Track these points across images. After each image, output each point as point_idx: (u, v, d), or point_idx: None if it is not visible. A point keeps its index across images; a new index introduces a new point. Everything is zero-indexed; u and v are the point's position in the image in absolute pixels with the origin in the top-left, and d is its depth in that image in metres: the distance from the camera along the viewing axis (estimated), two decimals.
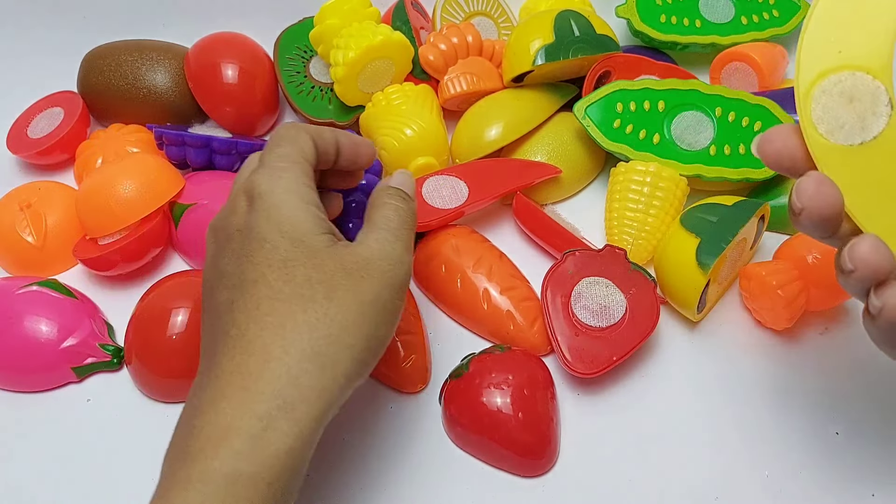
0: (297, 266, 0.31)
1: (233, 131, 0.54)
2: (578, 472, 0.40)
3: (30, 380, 0.44)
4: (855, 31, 0.28)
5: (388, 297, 0.32)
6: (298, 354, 0.29)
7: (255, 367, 0.29)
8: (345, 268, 0.31)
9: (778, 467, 0.39)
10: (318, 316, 0.30)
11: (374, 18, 0.52)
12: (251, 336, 0.30)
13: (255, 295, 0.30)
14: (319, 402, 0.29)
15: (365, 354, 0.31)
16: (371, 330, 0.31)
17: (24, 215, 0.48)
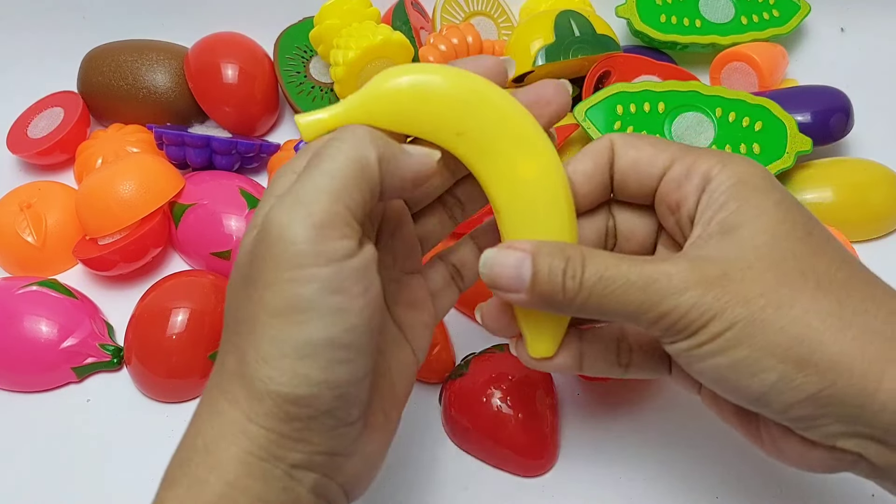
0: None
1: (233, 131, 0.54)
2: (578, 472, 0.40)
3: (30, 380, 0.44)
4: None
5: (272, 297, 0.24)
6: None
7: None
8: (243, 278, 0.26)
9: (778, 467, 0.39)
10: (224, 353, 0.27)
11: (374, 18, 0.52)
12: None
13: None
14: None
15: (283, 380, 0.25)
16: (274, 350, 0.25)
17: (24, 215, 0.48)
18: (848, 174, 0.48)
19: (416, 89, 0.27)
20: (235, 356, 0.26)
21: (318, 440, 0.26)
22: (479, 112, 0.27)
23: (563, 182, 0.29)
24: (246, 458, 0.25)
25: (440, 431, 0.41)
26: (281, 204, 0.24)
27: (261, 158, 0.53)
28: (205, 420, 0.26)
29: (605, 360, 0.31)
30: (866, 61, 0.59)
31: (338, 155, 0.25)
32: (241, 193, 0.48)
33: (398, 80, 0.27)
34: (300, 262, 0.24)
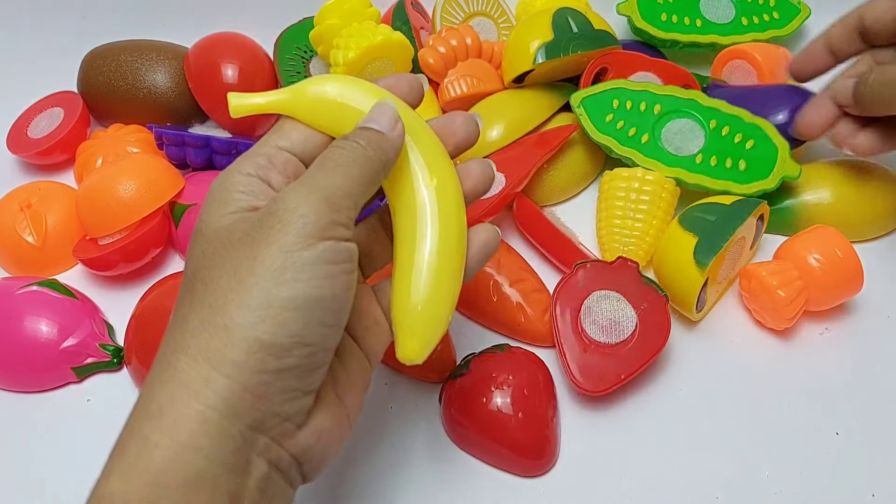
0: (195, 270, 0.28)
1: (232, 131, 0.54)
2: (578, 472, 0.40)
3: (30, 380, 0.44)
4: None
5: (274, 255, 0.26)
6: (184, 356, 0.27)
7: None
8: (231, 242, 0.28)
9: (778, 467, 0.39)
10: (186, 312, 0.27)
11: (374, 19, 0.52)
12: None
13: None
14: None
15: (263, 327, 0.26)
16: (263, 298, 0.26)
17: (24, 215, 0.48)
18: (847, 175, 0.48)
19: (334, 98, 0.31)
20: (207, 309, 0.27)
21: (277, 399, 0.27)
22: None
23: (456, 196, 0.31)
24: (205, 413, 0.25)
25: (440, 431, 0.41)
26: (300, 188, 0.28)
27: None
28: (159, 383, 0.27)
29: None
30: None
31: (353, 163, 0.29)
32: None
33: (323, 87, 0.31)
34: (308, 232, 0.27)
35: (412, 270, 0.30)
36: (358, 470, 0.40)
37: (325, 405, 0.29)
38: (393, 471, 0.40)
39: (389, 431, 0.41)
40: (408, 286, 0.30)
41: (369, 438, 0.41)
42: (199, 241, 0.29)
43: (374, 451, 0.40)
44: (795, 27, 0.57)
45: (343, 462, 0.40)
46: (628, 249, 0.46)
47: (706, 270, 0.41)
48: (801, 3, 0.58)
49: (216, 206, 0.29)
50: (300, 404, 0.28)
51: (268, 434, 0.27)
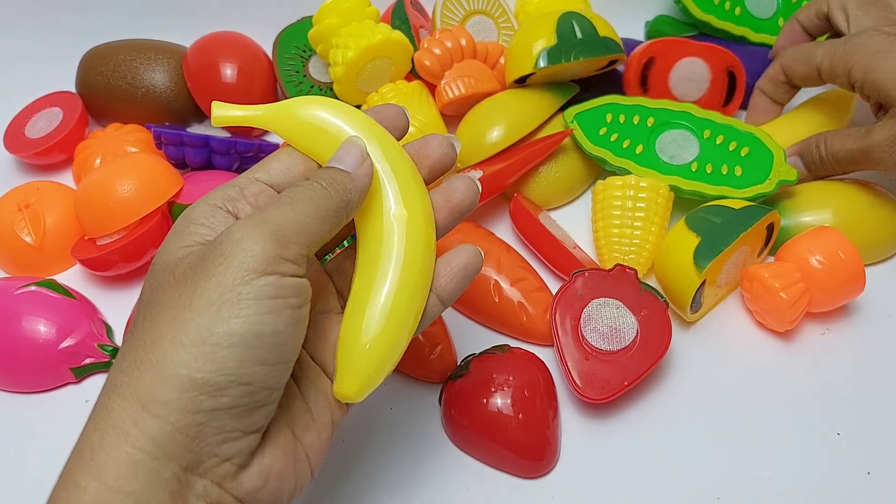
0: (142, 305, 0.28)
1: (231, 131, 0.54)
2: (578, 473, 0.40)
3: (28, 380, 0.44)
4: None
5: (213, 290, 0.25)
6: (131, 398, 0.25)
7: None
8: (175, 277, 0.27)
9: (779, 467, 0.39)
10: (125, 349, 0.27)
11: (374, 18, 0.52)
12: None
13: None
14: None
15: (196, 365, 0.25)
16: (198, 335, 0.25)
17: (22, 215, 0.48)
18: (850, 196, 0.47)
19: (317, 121, 0.31)
20: (142, 345, 0.26)
21: (214, 440, 0.25)
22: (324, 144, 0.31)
23: (425, 233, 0.31)
24: (134, 455, 0.24)
25: (440, 432, 0.41)
26: (249, 221, 0.27)
27: (259, 158, 0.53)
28: (92, 425, 0.26)
29: None
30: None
31: (309, 201, 0.28)
32: None
33: (308, 109, 0.31)
34: (250, 266, 0.26)
35: (367, 306, 0.29)
36: (358, 470, 0.40)
37: (276, 445, 0.28)
38: (393, 471, 0.40)
39: (389, 432, 0.41)
40: (359, 322, 0.29)
41: (369, 439, 0.41)
42: (150, 275, 0.28)
43: (374, 451, 0.40)
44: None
45: (343, 462, 0.40)
46: (628, 259, 0.46)
47: (703, 272, 0.40)
48: None
49: (172, 239, 0.28)
50: (241, 445, 0.26)
51: (206, 476, 0.26)
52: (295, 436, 0.29)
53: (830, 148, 0.46)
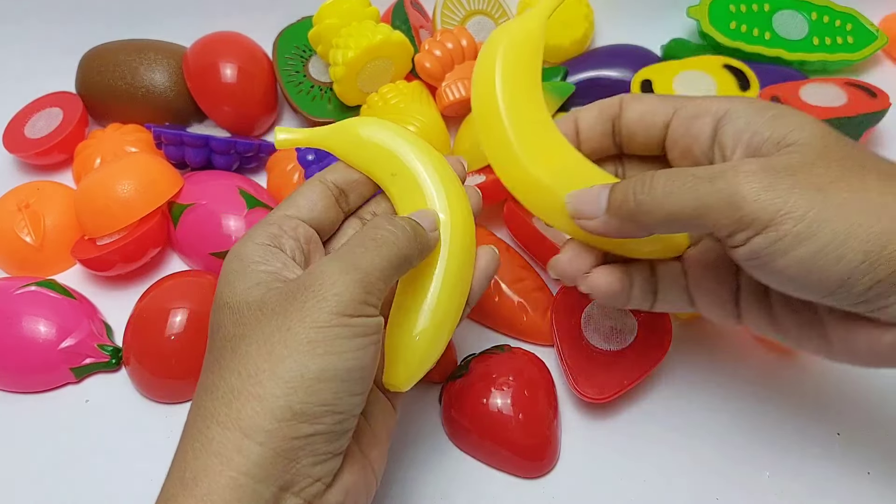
0: (226, 339, 0.29)
1: (231, 131, 0.54)
2: (579, 473, 0.40)
3: (28, 380, 0.44)
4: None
5: (307, 329, 0.27)
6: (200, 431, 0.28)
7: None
8: (263, 313, 0.29)
9: (779, 467, 0.39)
10: (216, 379, 0.28)
11: (374, 18, 0.52)
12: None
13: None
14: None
15: (296, 397, 0.27)
16: (296, 369, 0.27)
17: (22, 215, 0.48)
18: None
19: (371, 139, 0.35)
20: (237, 377, 0.28)
21: (308, 461, 0.28)
22: (405, 166, 0.34)
23: (466, 228, 0.34)
24: (238, 479, 0.26)
25: (440, 432, 0.41)
26: (338, 264, 0.29)
27: (260, 158, 0.53)
28: (192, 452, 0.27)
29: (643, 286, 0.35)
30: None
31: (393, 247, 0.30)
32: (240, 193, 0.48)
33: (363, 129, 0.35)
34: (341, 310, 0.28)
35: (416, 302, 0.32)
36: None
37: (351, 463, 0.30)
38: (392, 471, 0.40)
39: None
40: (408, 317, 0.32)
41: None
42: (227, 311, 0.30)
43: None
44: (868, 53, 0.57)
45: None
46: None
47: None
48: (880, 31, 0.57)
49: (238, 278, 0.30)
50: (329, 466, 0.28)
51: (299, 495, 0.28)
52: (362, 452, 0.32)
53: (652, 192, 0.30)
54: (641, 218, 0.30)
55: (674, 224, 0.29)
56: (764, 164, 0.27)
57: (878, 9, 0.59)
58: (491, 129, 0.34)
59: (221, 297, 0.30)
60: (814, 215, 0.26)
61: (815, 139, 0.28)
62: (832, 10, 0.58)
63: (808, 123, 0.29)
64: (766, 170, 0.27)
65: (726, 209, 0.27)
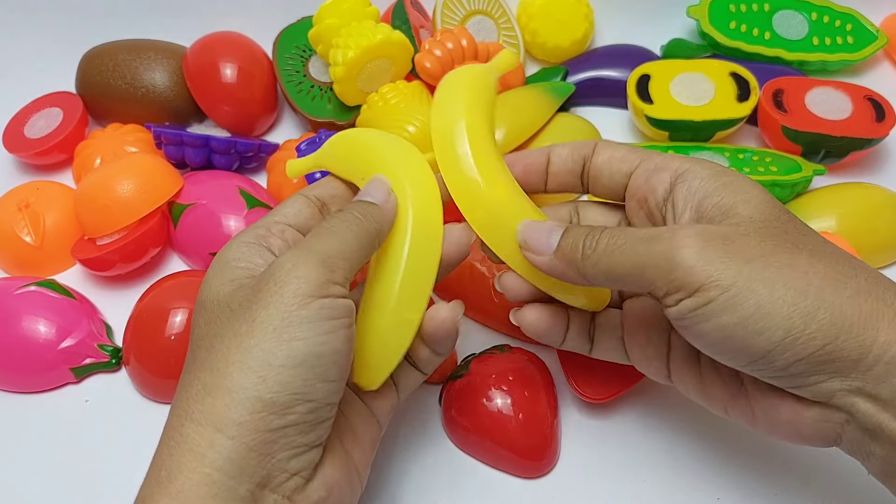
0: (199, 339, 0.30)
1: (231, 131, 0.54)
2: (579, 473, 0.40)
3: (28, 380, 0.44)
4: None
5: (272, 317, 0.27)
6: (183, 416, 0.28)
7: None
8: (231, 309, 0.29)
9: (779, 467, 0.39)
10: (191, 378, 0.28)
11: (374, 18, 0.52)
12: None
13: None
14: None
15: (265, 387, 0.27)
16: (263, 358, 0.27)
17: (22, 215, 0.48)
18: (852, 200, 0.47)
19: (348, 140, 0.36)
20: (209, 373, 0.28)
21: (284, 455, 0.27)
22: (376, 161, 0.34)
23: (431, 219, 0.33)
24: (212, 476, 0.26)
25: (440, 432, 0.41)
26: (296, 251, 0.29)
27: (260, 158, 0.53)
28: (167, 450, 0.28)
29: (580, 331, 0.36)
30: None
31: (347, 231, 0.30)
32: (240, 193, 0.48)
33: (342, 135, 0.36)
34: (304, 291, 0.27)
35: (382, 297, 0.32)
36: None
37: (334, 457, 0.30)
38: (392, 472, 0.40)
39: (389, 432, 0.41)
40: (375, 312, 0.32)
41: None
42: (202, 311, 0.30)
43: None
44: (868, 54, 0.57)
45: None
46: None
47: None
48: (880, 32, 0.58)
49: (215, 277, 0.30)
50: (307, 459, 0.28)
51: (277, 491, 0.27)
52: (345, 450, 0.31)
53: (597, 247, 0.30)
54: (585, 269, 0.30)
55: (614, 280, 0.30)
56: (702, 231, 0.28)
57: (878, 9, 0.59)
58: (452, 148, 0.34)
59: (199, 296, 0.30)
60: (740, 286, 0.27)
61: (757, 213, 0.29)
62: (832, 10, 0.58)
63: (755, 196, 0.30)
64: (702, 236, 0.28)
65: (661, 270, 0.28)
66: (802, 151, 0.50)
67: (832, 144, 0.49)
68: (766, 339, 0.27)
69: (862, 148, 0.50)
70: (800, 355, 0.27)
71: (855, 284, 0.27)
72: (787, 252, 0.28)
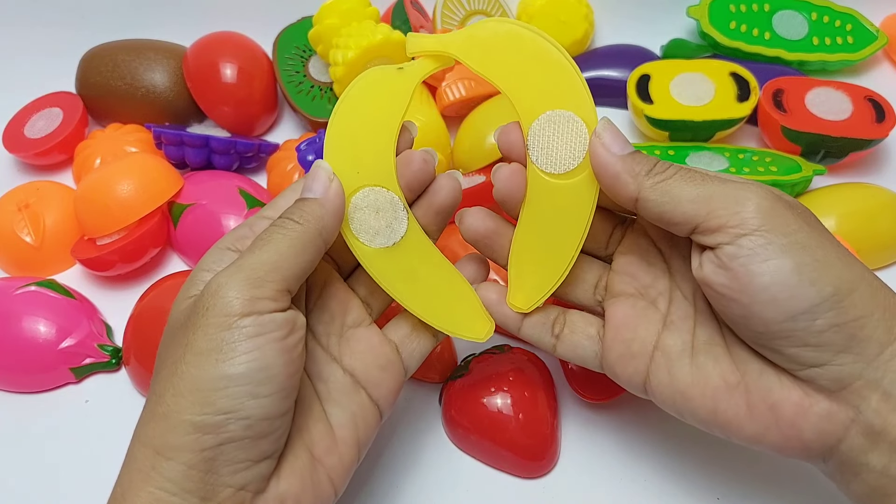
0: (157, 359, 0.30)
1: (231, 131, 0.54)
2: (579, 473, 0.40)
3: (28, 380, 0.44)
4: (363, 154, 0.33)
5: (200, 340, 0.27)
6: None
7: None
8: (174, 331, 0.29)
9: (779, 467, 0.39)
10: (147, 401, 0.29)
11: (374, 18, 0.52)
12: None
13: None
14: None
15: (193, 410, 0.27)
16: (191, 382, 0.27)
17: (22, 216, 0.48)
18: (852, 200, 0.47)
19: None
20: (152, 400, 0.28)
21: (226, 471, 0.27)
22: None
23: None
24: (155, 493, 0.27)
25: (440, 432, 0.41)
26: (226, 269, 0.29)
27: (260, 158, 0.53)
28: (124, 469, 0.28)
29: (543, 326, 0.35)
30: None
31: (281, 240, 0.29)
32: (240, 193, 0.48)
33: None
34: (229, 311, 0.27)
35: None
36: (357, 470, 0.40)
37: (292, 470, 0.30)
38: (392, 472, 0.40)
39: (389, 432, 0.41)
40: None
41: None
42: (166, 330, 0.30)
43: (374, 452, 0.40)
44: (868, 54, 0.57)
45: None
46: None
47: None
48: (880, 32, 0.58)
49: (183, 290, 0.31)
50: (252, 473, 0.28)
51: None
52: (314, 458, 0.31)
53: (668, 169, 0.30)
54: (643, 186, 0.30)
55: (665, 205, 0.29)
56: (773, 189, 0.29)
57: (878, 9, 0.59)
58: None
59: (171, 311, 0.31)
60: (800, 238, 0.28)
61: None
62: (832, 10, 0.58)
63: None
64: (773, 193, 0.29)
65: (729, 203, 0.28)
66: (802, 151, 0.50)
67: (832, 145, 0.49)
68: (817, 291, 0.27)
69: (862, 148, 0.50)
70: (841, 319, 0.27)
71: (879, 283, 0.29)
72: (834, 241, 0.29)
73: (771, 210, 0.28)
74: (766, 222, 0.28)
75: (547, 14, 0.57)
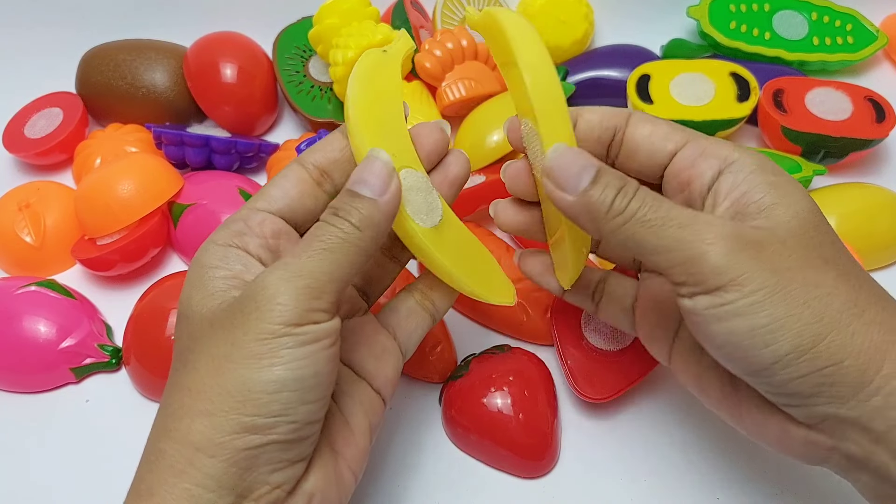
0: (181, 352, 0.29)
1: (231, 131, 0.54)
2: (579, 473, 0.40)
3: (28, 380, 0.44)
4: (390, 134, 0.32)
5: (251, 342, 0.27)
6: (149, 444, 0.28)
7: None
8: (212, 326, 0.28)
9: (779, 467, 0.39)
10: (171, 397, 0.28)
11: (374, 18, 0.52)
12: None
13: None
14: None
15: (244, 411, 0.26)
16: (242, 383, 0.27)
17: (22, 215, 0.48)
18: (852, 201, 0.47)
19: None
20: (187, 395, 0.27)
21: (265, 470, 0.27)
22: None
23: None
24: (191, 490, 0.26)
25: (440, 432, 0.41)
26: (280, 272, 0.27)
27: (260, 158, 0.53)
28: (146, 465, 0.28)
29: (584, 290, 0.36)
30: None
31: (342, 251, 0.28)
32: (240, 193, 0.48)
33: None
34: (285, 319, 0.27)
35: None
36: None
37: (318, 468, 0.30)
38: (392, 472, 0.40)
39: (389, 432, 0.41)
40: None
41: None
42: (185, 322, 0.29)
43: (374, 451, 0.40)
44: (868, 54, 0.57)
45: None
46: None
47: None
48: (880, 32, 0.58)
49: (194, 288, 0.29)
50: (288, 473, 0.28)
51: (258, 502, 0.27)
52: (335, 452, 0.31)
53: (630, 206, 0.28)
54: (604, 228, 0.28)
55: (629, 249, 0.28)
56: (736, 232, 0.27)
57: (878, 9, 0.59)
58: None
59: (180, 307, 0.30)
60: (760, 295, 0.26)
61: (796, 220, 0.28)
62: (832, 10, 0.58)
63: (798, 202, 0.29)
64: (735, 238, 0.27)
65: (685, 260, 0.27)
66: (802, 152, 0.50)
67: (832, 145, 0.49)
68: (771, 353, 0.26)
69: (862, 148, 0.50)
70: (801, 373, 0.26)
71: (872, 313, 0.27)
72: (815, 269, 0.27)
73: (732, 265, 0.26)
74: (724, 279, 0.26)
75: (547, 14, 0.57)
